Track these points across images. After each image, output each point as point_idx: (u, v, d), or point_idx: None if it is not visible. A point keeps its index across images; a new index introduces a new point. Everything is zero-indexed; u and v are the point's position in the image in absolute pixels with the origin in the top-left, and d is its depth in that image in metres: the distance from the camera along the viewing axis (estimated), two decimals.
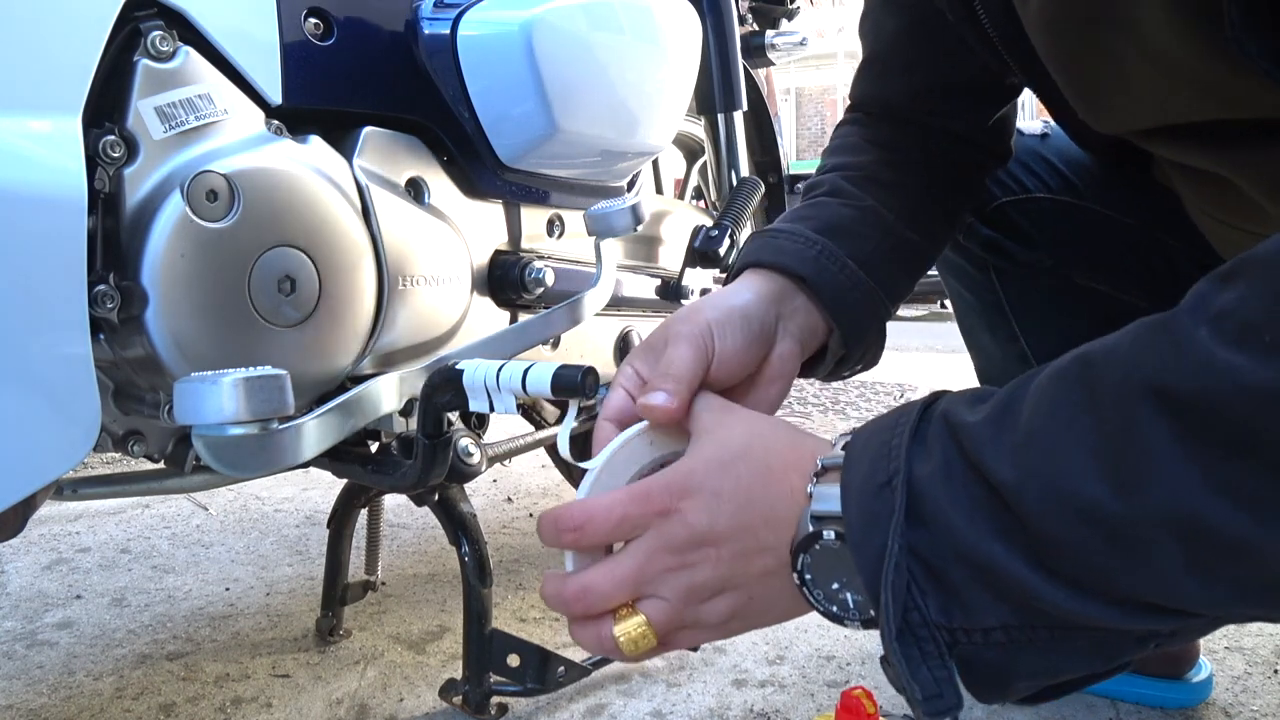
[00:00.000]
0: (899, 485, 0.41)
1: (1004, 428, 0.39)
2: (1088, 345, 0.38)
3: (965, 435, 0.40)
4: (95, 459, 1.92)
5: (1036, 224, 0.85)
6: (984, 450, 0.39)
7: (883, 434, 0.43)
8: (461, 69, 0.88)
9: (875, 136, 0.75)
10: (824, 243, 0.64)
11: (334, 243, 0.76)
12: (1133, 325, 0.37)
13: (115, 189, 0.65)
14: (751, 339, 0.58)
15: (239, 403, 0.60)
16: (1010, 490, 0.37)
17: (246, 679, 1.04)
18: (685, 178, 1.73)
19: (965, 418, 0.40)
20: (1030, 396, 0.39)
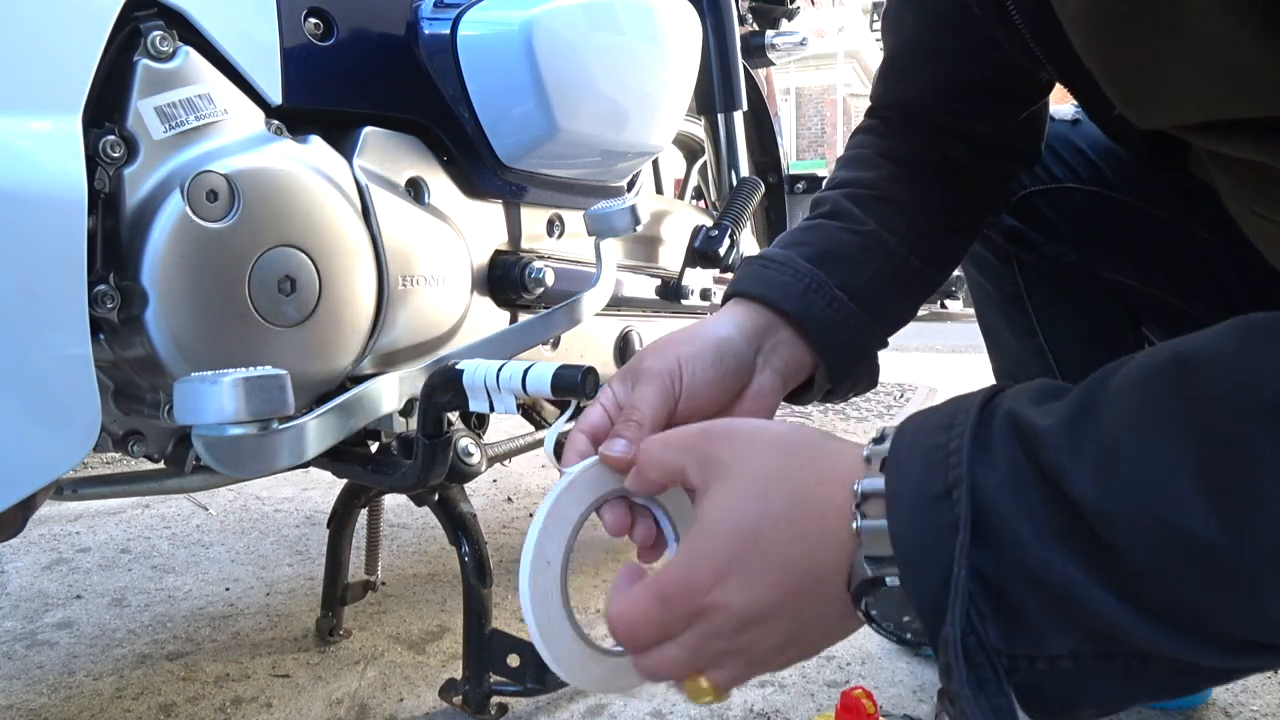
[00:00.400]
0: (961, 496, 0.36)
1: (1084, 435, 0.35)
2: (1178, 344, 0.34)
3: (1038, 441, 0.35)
4: (95, 459, 1.92)
5: (1064, 215, 0.83)
6: (1061, 460, 0.34)
7: (934, 435, 0.39)
8: (461, 69, 0.88)
9: (890, 149, 0.72)
10: (814, 274, 0.63)
11: (334, 243, 0.76)
12: (1230, 324, 0.33)
13: (115, 189, 0.65)
14: (724, 373, 0.57)
15: (239, 403, 0.60)
16: (1094, 509, 0.33)
17: (246, 679, 1.04)
18: (685, 178, 1.74)
19: (1036, 420, 0.36)
20: (1112, 399, 0.35)
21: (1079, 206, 0.83)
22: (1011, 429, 0.37)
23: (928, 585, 0.37)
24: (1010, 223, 0.84)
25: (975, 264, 0.92)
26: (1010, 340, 0.93)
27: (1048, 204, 0.83)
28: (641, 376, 0.54)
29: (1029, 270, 0.87)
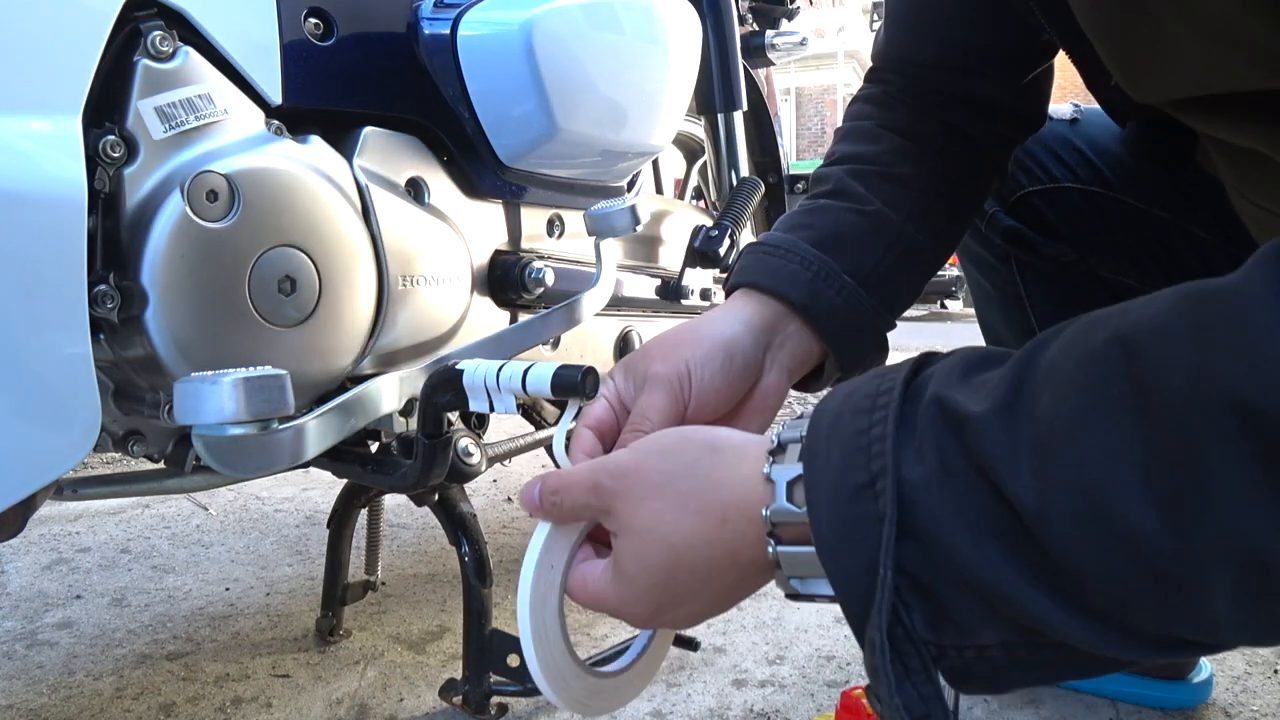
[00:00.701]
0: (886, 489, 0.34)
1: (1016, 418, 0.32)
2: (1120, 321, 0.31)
3: (968, 429, 0.33)
4: (95, 459, 1.92)
5: (1063, 215, 0.82)
6: (993, 451, 0.32)
7: (855, 420, 0.37)
8: (461, 69, 0.88)
9: (891, 120, 0.70)
10: (821, 261, 0.62)
11: (334, 243, 0.76)
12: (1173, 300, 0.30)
13: (115, 189, 0.65)
14: (732, 377, 0.56)
15: (239, 403, 0.60)
16: (1030, 508, 0.31)
17: (246, 679, 1.04)
18: (685, 178, 1.73)
19: (966, 406, 0.34)
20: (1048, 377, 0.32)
21: (1077, 206, 0.82)
22: (939, 414, 0.34)
23: (852, 582, 0.35)
24: (1009, 222, 0.84)
25: (974, 263, 0.92)
26: (1009, 339, 0.93)
27: (1046, 204, 0.83)
28: (650, 382, 0.54)
29: (1028, 270, 0.87)
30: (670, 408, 0.53)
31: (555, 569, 0.47)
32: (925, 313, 11.30)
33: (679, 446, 0.43)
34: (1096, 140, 0.82)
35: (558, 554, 0.47)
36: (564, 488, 0.45)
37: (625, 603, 0.44)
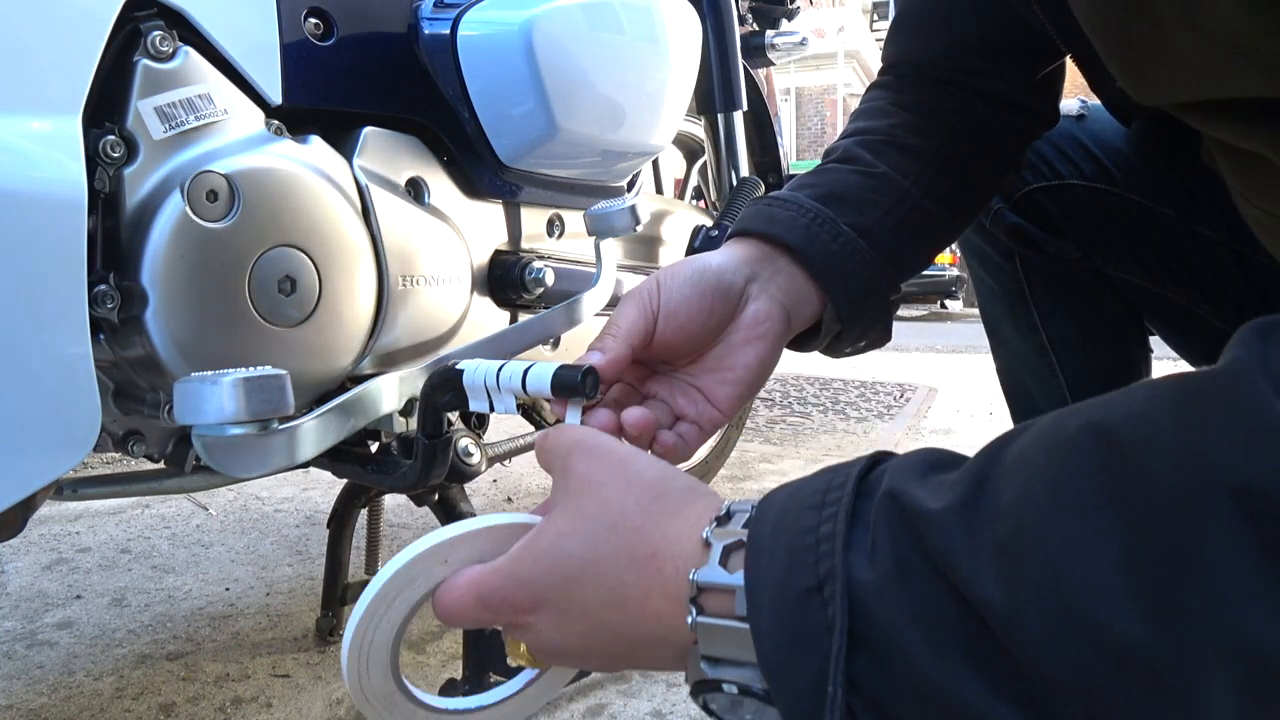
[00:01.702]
0: (836, 595, 0.31)
1: (980, 514, 0.29)
2: (1094, 410, 0.28)
3: (926, 525, 0.30)
4: (95, 459, 1.92)
5: (1067, 212, 0.82)
6: (954, 550, 0.29)
7: (802, 516, 0.33)
8: (461, 69, 0.88)
9: (904, 100, 0.70)
10: (819, 210, 0.60)
11: (334, 243, 0.76)
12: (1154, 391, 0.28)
13: (115, 189, 0.65)
14: (704, 291, 0.54)
15: (239, 403, 0.60)
16: (996, 612, 0.28)
17: (246, 679, 1.04)
18: (685, 178, 1.74)
19: (924, 502, 0.31)
20: (1015, 472, 0.29)
21: (1083, 203, 0.82)
22: (895, 511, 0.31)
23: (799, 699, 0.31)
24: (1013, 219, 0.84)
25: (979, 260, 0.92)
26: (1013, 337, 0.93)
27: (1051, 201, 0.83)
28: (626, 298, 0.54)
29: (1032, 267, 0.87)
30: (638, 315, 0.52)
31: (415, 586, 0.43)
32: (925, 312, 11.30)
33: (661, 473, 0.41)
34: (1102, 137, 0.82)
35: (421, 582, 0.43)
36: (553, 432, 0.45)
37: (511, 579, 0.40)
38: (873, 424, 2.72)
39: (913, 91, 0.70)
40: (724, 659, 0.34)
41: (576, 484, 0.41)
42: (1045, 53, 0.69)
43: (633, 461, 0.41)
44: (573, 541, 0.39)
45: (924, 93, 0.69)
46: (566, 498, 0.41)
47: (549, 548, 0.39)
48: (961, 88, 0.69)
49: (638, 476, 0.40)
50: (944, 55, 0.69)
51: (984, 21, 0.67)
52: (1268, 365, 0.25)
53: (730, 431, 1.73)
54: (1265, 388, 0.25)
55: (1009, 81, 0.69)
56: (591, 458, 0.42)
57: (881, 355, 5.27)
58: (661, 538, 0.37)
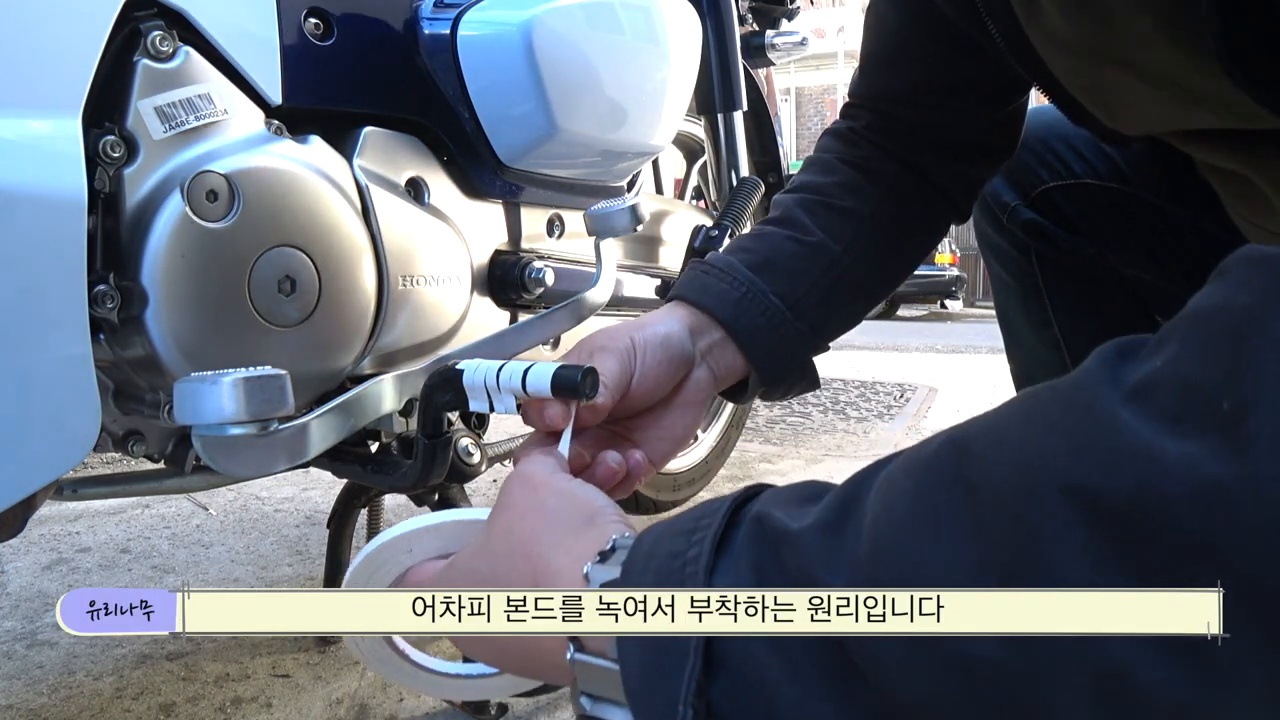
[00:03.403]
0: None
1: (842, 535, 0.29)
2: (960, 429, 0.29)
3: (786, 545, 0.30)
4: (95, 459, 1.92)
5: (1082, 210, 0.84)
6: (813, 568, 0.29)
7: (673, 541, 0.33)
8: (461, 69, 0.88)
9: (851, 155, 0.72)
10: (752, 282, 0.64)
11: (334, 243, 0.76)
12: (1011, 402, 0.28)
13: (115, 189, 0.65)
14: (672, 357, 0.59)
15: (239, 403, 0.60)
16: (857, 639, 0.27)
17: (246, 679, 1.04)
18: (685, 178, 1.73)
19: (787, 523, 0.31)
20: (879, 495, 0.29)
21: (1097, 202, 0.83)
22: (758, 533, 0.31)
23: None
24: (1029, 215, 0.85)
25: (995, 255, 0.93)
26: (1027, 331, 0.94)
27: (1066, 199, 0.84)
28: (598, 353, 0.56)
29: (1047, 263, 0.88)
30: (621, 370, 0.55)
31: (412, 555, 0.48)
32: (925, 313, 11.30)
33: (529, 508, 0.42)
34: None
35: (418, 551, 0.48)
36: None
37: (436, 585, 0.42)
38: (873, 424, 2.72)
39: (861, 145, 0.73)
40: (601, 696, 0.35)
41: (499, 505, 0.43)
42: (1009, 92, 0.71)
43: (545, 489, 0.42)
44: (479, 559, 0.42)
45: (871, 148, 0.72)
46: (490, 521, 0.44)
47: (462, 563, 0.43)
48: (919, 134, 0.71)
49: (540, 505, 0.41)
50: (909, 95, 0.71)
51: (949, 66, 0.69)
52: (1116, 374, 0.25)
53: (730, 431, 1.73)
54: (1106, 391, 0.25)
55: (971, 119, 0.72)
56: (518, 481, 0.44)
57: (881, 355, 5.27)
58: (545, 569, 0.38)
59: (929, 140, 0.71)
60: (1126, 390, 0.25)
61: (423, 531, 0.47)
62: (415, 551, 0.47)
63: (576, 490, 0.42)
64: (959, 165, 0.73)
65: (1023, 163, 0.83)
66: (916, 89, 0.71)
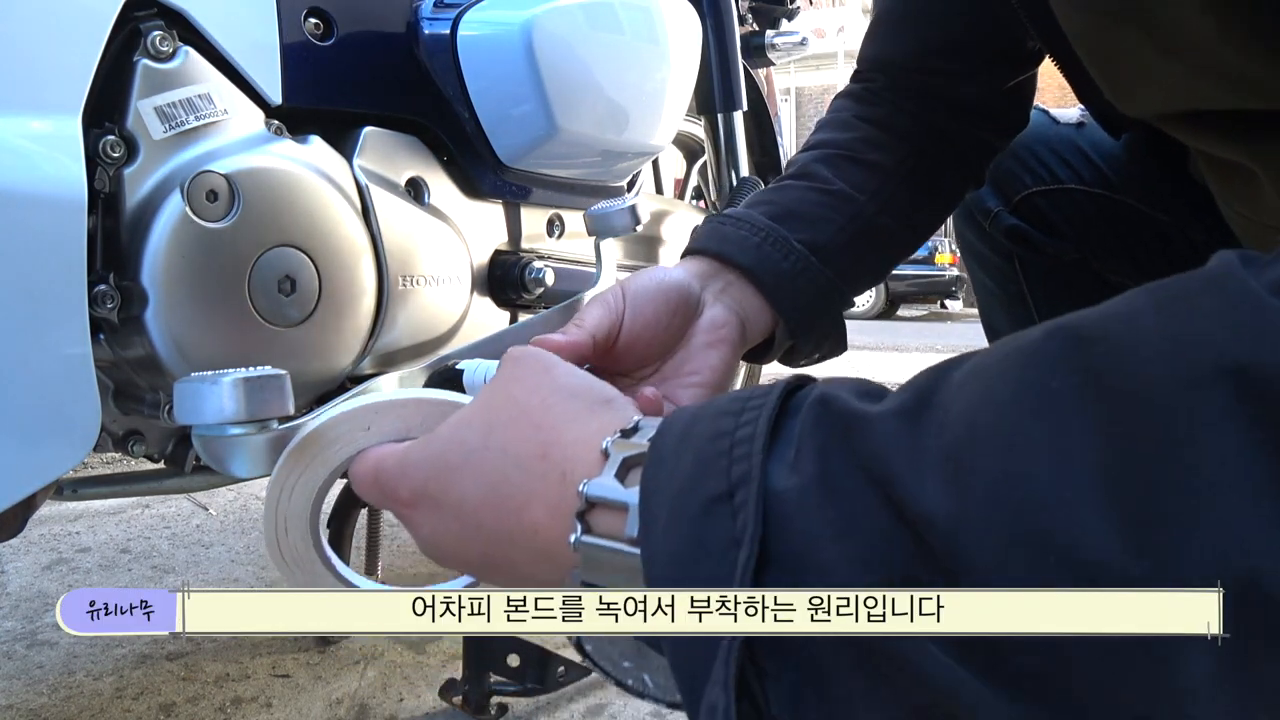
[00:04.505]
0: (750, 500, 0.26)
1: (923, 425, 0.25)
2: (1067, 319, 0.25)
3: (860, 428, 0.26)
4: (95, 459, 1.92)
5: (1065, 216, 0.83)
6: (892, 456, 0.25)
7: (717, 422, 0.29)
8: (461, 69, 0.88)
9: (869, 113, 0.70)
10: (772, 228, 0.61)
11: (334, 243, 0.76)
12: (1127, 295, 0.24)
13: (115, 189, 0.65)
14: (667, 296, 0.55)
15: (239, 403, 0.60)
16: (939, 528, 0.23)
17: (246, 679, 1.04)
18: (685, 178, 1.73)
19: (859, 406, 0.27)
20: (965, 386, 0.25)
21: (1080, 207, 0.83)
22: (823, 415, 0.27)
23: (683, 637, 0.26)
24: (1012, 221, 0.85)
25: (978, 261, 0.93)
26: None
27: (1050, 204, 0.84)
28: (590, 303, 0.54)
29: (1030, 268, 0.88)
30: (604, 315, 0.52)
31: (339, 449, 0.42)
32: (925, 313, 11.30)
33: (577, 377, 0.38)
34: (1101, 144, 0.83)
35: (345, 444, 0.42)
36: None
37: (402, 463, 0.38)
38: None
39: (878, 104, 0.71)
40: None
41: (495, 382, 0.38)
42: (1021, 59, 0.70)
43: (557, 367, 0.38)
44: (466, 430, 0.36)
45: (889, 106, 0.70)
46: (482, 394, 0.38)
47: (444, 434, 0.37)
48: (930, 96, 0.70)
49: (553, 379, 0.37)
50: (920, 55, 0.70)
51: (960, 25, 0.68)
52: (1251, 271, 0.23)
53: None
54: (1253, 283, 0.22)
55: (980, 86, 0.70)
56: (523, 357, 0.39)
57: (881, 355, 5.26)
58: (556, 439, 0.33)
59: (943, 100, 0.70)
60: (1266, 284, 0.22)
61: (386, 406, 0.42)
62: (374, 430, 0.42)
63: (590, 377, 0.38)
64: (973, 128, 0.72)
65: (1006, 168, 0.83)
66: (927, 50, 0.70)
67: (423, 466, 0.37)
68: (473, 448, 0.35)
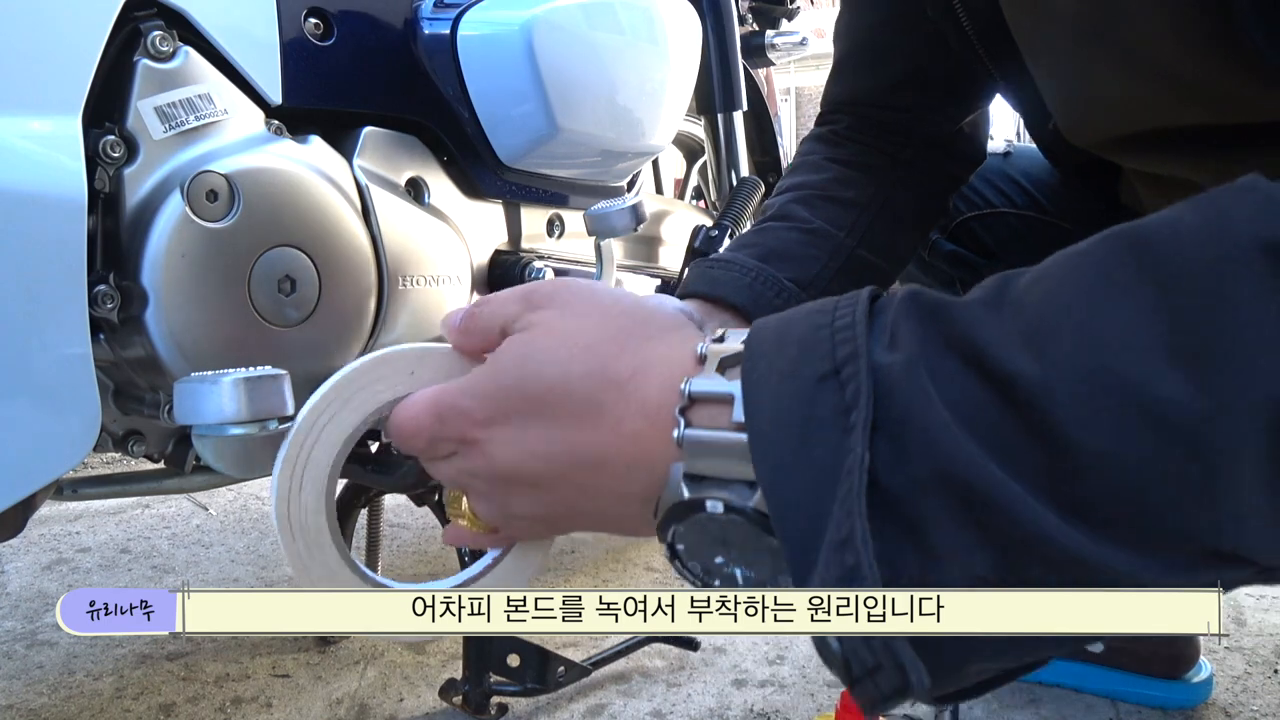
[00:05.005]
0: (860, 372, 0.29)
1: (1003, 311, 0.29)
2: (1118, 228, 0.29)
3: (950, 314, 0.29)
4: (95, 459, 1.92)
5: (1000, 238, 0.87)
6: (984, 333, 0.28)
7: (811, 318, 0.32)
8: (461, 69, 0.88)
9: (838, 154, 0.74)
10: (760, 268, 0.63)
11: (334, 243, 0.76)
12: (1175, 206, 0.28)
13: (115, 189, 0.65)
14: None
15: (239, 403, 0.60)
16: (1028, 384, 0.27)
17: (246, 679, 1.04)
18: (685, 178, 1.73)
19: (943, 297, 0.30)
20: (1037, 282, 0.29)
21: (1013, 229, 0.87)
22: (914, 305, 0.30)
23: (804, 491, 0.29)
24: (949, 247, 0.89)
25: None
26: None
27: (985, 229, 0.88)
28: None
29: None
30: None
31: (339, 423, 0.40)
32: None
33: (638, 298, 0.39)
34: (1030, 171, 0.87)
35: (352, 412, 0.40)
36: (493, 299, 0.40)
37: (466, 393, 0.37)
38: None
39: (845, 145, 0.74)
40: (710, 477, 0.32)
41: (552, 310, 0.38)
42: (974, 95, 0.74)
43: (613, 292, 0.39)
44: (543, 356, 0.36)
45: (857, 145, 0.74)
46: (536, 322, 0.38)
47: (516, 363, 0.37)
48: (894, 131, 0.73)
49: (618, 304, 0.38)
50: (884, 92, 0.74)
51: (919, 60, 0.71)
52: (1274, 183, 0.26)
53: None
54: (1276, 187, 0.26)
55: (942, 117, 0.74)
56: (568, 287, 0.39)
57: None
58: (644, 359, 0.35)
59: (905, 135, 0.73)
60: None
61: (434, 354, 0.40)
62: (417, 374, 0.40)
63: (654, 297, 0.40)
64: (938, 161, 0.75)
65: None
66: (891, 88, 0.73)
67: (502, 391, 0.37)
68: (555, 375, 0.35)
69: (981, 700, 0.98)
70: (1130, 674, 0.96)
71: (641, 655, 1.06)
